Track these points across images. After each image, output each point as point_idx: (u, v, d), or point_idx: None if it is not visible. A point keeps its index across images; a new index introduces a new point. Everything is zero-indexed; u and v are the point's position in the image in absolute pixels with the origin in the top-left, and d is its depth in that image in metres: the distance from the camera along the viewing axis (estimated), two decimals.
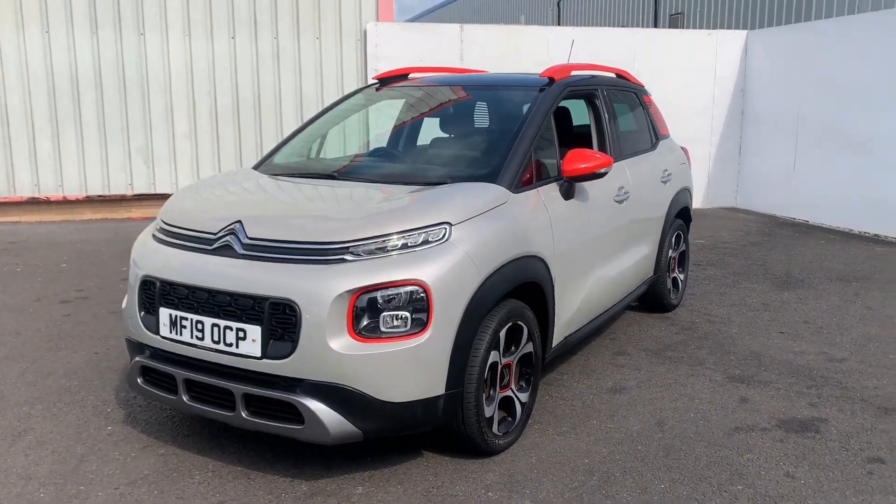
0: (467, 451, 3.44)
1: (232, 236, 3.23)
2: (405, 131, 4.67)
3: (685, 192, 5.77)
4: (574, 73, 4.52)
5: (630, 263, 4.82)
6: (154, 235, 3.58)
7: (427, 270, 3.03)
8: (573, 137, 4.51)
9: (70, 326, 5.38)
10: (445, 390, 3.13)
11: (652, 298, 5.54)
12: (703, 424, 3.84)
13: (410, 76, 4.95)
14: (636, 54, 10.69)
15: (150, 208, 9.84)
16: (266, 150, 9.94)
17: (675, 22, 17.51)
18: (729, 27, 15.78)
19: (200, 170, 9.88)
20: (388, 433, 3.17)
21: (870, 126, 9.05)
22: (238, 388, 3.09)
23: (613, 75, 5.27)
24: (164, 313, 3.27)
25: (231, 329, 3.08)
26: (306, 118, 9.98)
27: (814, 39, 9.94)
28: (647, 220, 5.06)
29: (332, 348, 2.94)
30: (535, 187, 3.78)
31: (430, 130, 4.44)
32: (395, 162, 4.38)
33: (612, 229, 4.48)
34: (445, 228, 3.17)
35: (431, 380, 3.08)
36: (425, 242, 3.12)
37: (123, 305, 3.60)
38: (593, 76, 4.80)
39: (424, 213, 3.20)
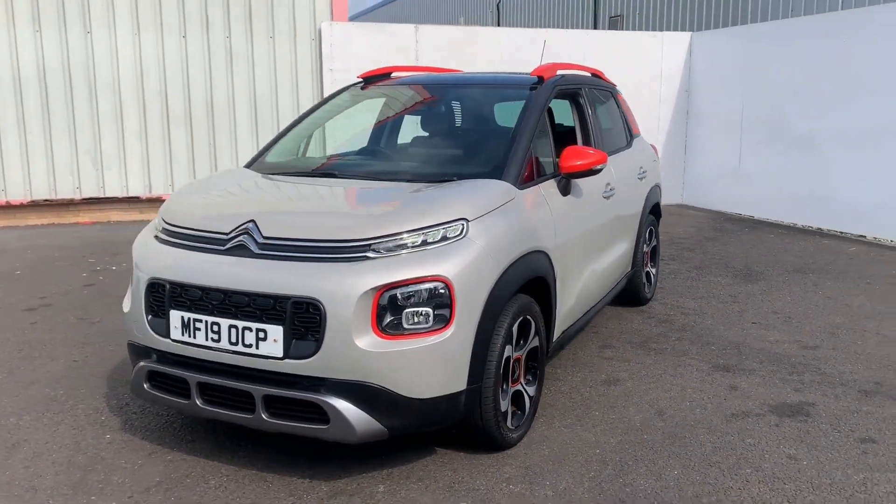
0: (483, 446, 3.47)
1: (246, 236, 3.18)
2: (399, 129, 4.67)
3: (656, 189, 5.94)
4: (559, 72, 4.59)
5: (614, 258, 4.93)
6: (157, 237, 3.49)
7: (449, 266, 3.05)
8: (558, 135, 4.58)
9: (40, 334, 5.18)
10: (467, 385, 3.15)
11: (628, 293, 5.67)
12: (700, 412, 3.96)
13: (393, 75, 4.96)
14: (586, 55, 10.87)
15: (100, 212, 9.55)
16: (220, 151, 9.78)
17: (615, 24, 17.90)
18: (667, 29, 16.21)
19: (152, 172, 9.62)
20: (413, 430, 3.18)
21: (811, 125, 9.45)
22: (258, 390, 3.05)
23: (589, 74, 5.37)
24: (175, 316, 3.20)
25: (250, 330, 3.04)
26: (260, 118, 9.87)
27: (756, 41, 10.32)
28: (628, 216, 5.19)
29: (358, 346, 2.92)
30: (536, 184, 3.84)
31: (425, 128, 4.45)
32: (394, 160, 4.38)
33: (601, 224, 4.58)
34: (463, 224, 3.19)
35: (454, 375, 3.10)
36: (444, 239, 3.13)
37: (126, 309, 3.50)
38: (577, 75, 4.89)
39: (442, 209, 3.22)
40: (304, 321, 2.98)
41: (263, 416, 3.07)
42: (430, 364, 3.02)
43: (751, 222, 9.98)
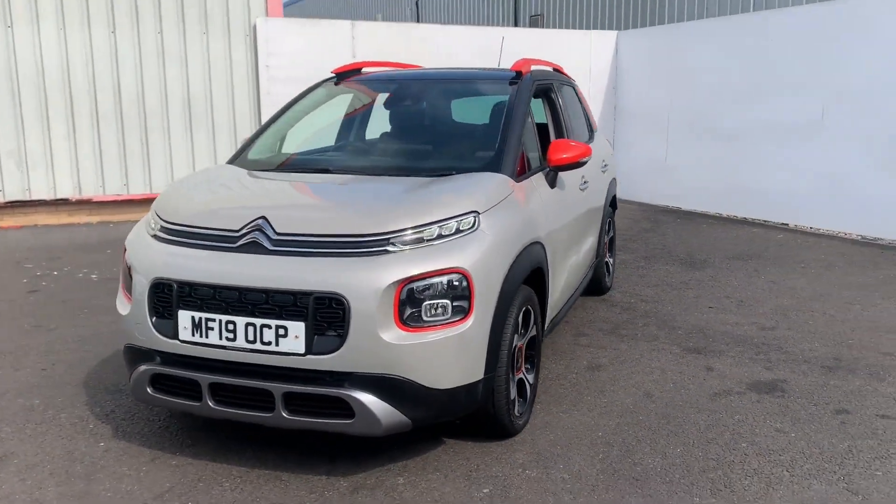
0: (493, 435, 3.53)
1: (258, 233, 3.14)
2: (382, 123, 4.63)
3: (614, 182, 6.14)
4: (533, 67, 4.69)
5: (587, 248, 5.08)
6: (156, 236, 3.38)
7: (467, 258, 3.09)
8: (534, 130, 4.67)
9: None
10: (484, 375, 3.21)
11: (592, 282, 5.82)
12: (685, 393, 4.14)
13: (364, 70, 4.95)
14: (520, 52, 11.06)
15: (26, 216, 9.09)
16: (153, 150, 9.49)
17: (535, 22, 18.24)
18: (586, 28, 16.64)
19: (81, 173, 9.21)
20: (433, 420, 3.21)
21: (733, 119, 9.92)
22: (278, 388, 3.01)
23: (552, 70, 5.48)
24: (185, 316, 3.12)
25: (269, 327, 3.00)
26: (195, 117, 9.61)
27: (681, 40, 10.76)
28: (596, 207, 5.35)
29: (383, 339, 2.94)
30: (528, 176, 3.93)
31: (410, 122, 4.46)
32: (386, 154, 4.34)
33: (579, 216, 4.71)
34: (475, 217, 3.24)
35: (473, 365, 3.15)
36: (458, 231, 3.18)
37: (123, 312, 3.38)
38: (547, 71, 5.00)
39: (455, 202, 3.26)
40: (326, 317, 2.96)
41: (283, 413, 3.04)
42: (452, 355, 3.07)
43: (680, 213, 10.40)
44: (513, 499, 3.08)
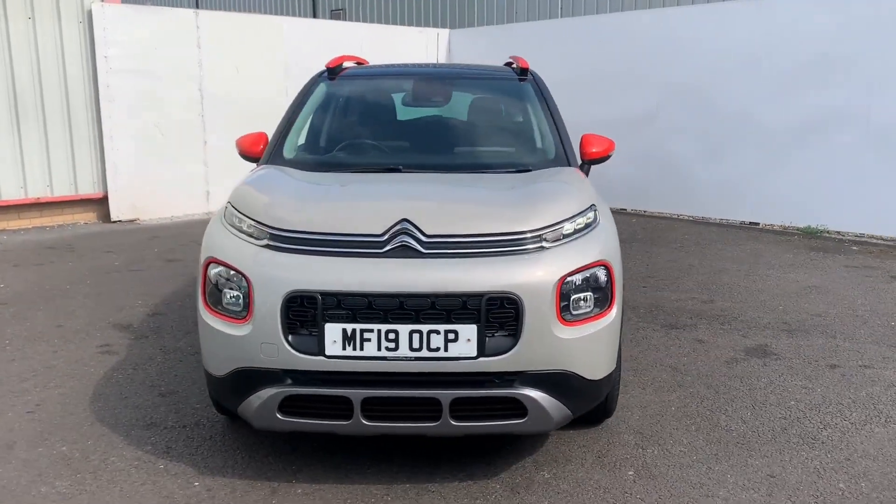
0: (596, 420, 3.65)
1: (405, 236, 2.98)
2: (421, 122, 4.45)
3: None
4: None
5: None
6: (271, 245, 3.04)
7: (606, 251, 3.20)
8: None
9: None
10: (617, 363, 3.33)
11: None
12: (702, 364, 4.53)
13: (344, 65, 4.75)
14: (364, 46, 11.02)
15: None
16: None
17: (337, 16, 18.08)
18: (387, 23, 16.86)
19: None
20: (584, 411, 3.24)
21: (570, 112, 10.60)
22: (447, 395, 2.90)
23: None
24: (334, 329, 2.88)
25: (438, 333, 2.87)
26: (23, 112, 8.49)
27: (516, 39, 11.39)
28: None
29: (556, 336, 2.95)
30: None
31: (447, 119, 4.36)
32: (452, 151, 4.13)
33: None
34: (594, 211, 3.35)
35: (614, 354, 3.27)
36: (587, 226, 3.26)
37: (239, 333, 2.99)
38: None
39: (580, 197, 3.34)
40: (498, 317, 2.91)
41: (450, 421, 2.93)
42: (605, 345, 3.15)
43: None
44: (658, 476, 3.24)
